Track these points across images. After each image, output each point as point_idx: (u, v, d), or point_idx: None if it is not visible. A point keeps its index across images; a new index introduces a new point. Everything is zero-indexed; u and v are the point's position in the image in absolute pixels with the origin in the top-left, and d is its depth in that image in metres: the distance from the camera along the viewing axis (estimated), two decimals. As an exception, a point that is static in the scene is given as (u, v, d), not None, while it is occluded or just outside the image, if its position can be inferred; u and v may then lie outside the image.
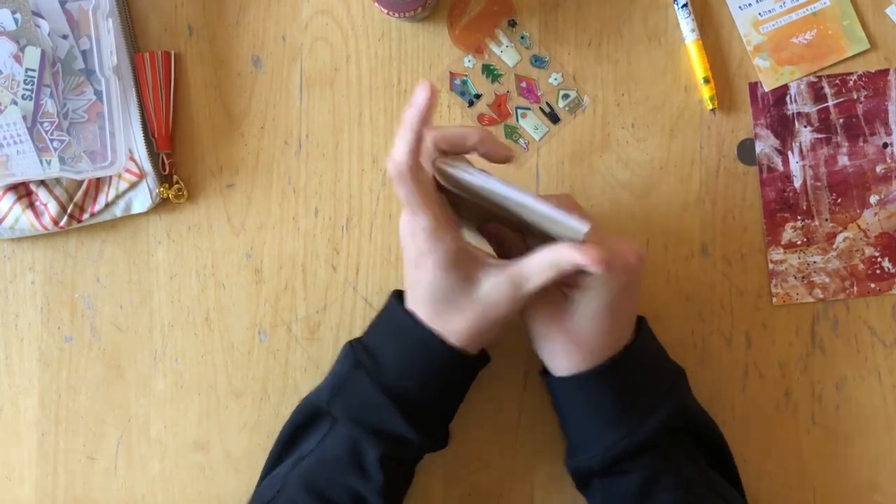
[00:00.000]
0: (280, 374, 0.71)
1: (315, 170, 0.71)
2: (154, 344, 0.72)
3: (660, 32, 0.70)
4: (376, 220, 0.71)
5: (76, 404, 0.72)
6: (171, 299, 0.71)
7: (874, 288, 0.69)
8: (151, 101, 0.70)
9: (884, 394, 0.69)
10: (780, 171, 0.70)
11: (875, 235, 0.69)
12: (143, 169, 0.70)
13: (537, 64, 0.71)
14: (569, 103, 0.70)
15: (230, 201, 0.71)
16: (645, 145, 0.70)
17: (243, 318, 0.71)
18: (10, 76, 0.66)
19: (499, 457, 0.69)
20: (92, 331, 0.72)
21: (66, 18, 0.68)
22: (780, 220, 0.69)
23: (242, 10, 0.72)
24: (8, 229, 0.70)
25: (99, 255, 0.72)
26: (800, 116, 0.70)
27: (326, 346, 0.71)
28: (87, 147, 0.69)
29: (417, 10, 0.68)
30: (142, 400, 0.71)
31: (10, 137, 0.67)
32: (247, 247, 0.71)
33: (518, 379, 0.70)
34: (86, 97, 0.69)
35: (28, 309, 0.72)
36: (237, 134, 0.71)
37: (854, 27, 0.70)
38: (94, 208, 0.70)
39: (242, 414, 0.71)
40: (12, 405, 0.72)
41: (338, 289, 0.71)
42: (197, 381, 0.71)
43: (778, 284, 0.69)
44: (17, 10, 0.66)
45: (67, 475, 0.71)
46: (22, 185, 0.70)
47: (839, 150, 0.70)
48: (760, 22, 0.70)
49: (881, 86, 0.69)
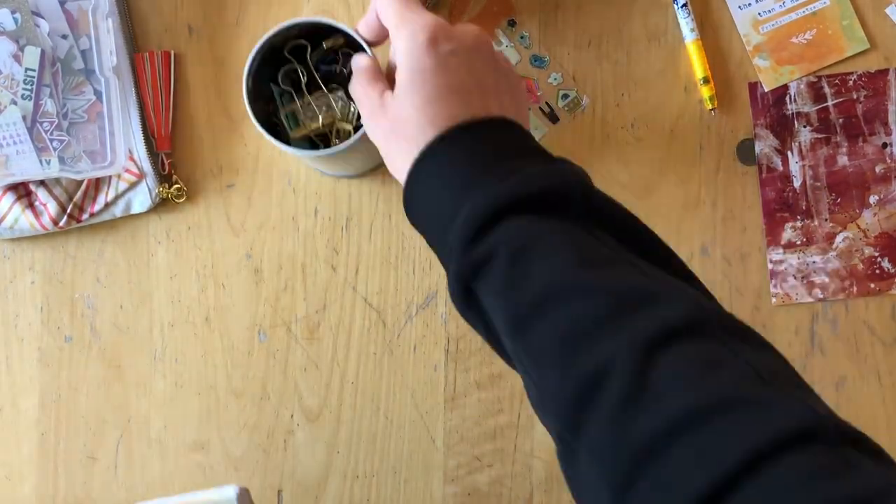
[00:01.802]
0: (280, 374, 0.71)
1: (315, 170, 0.71)
2: (154, 344, 0.72)
3: (660, 32, 0.70)
4: (376, 220, 0.71)
5: (76, 404, 0.72)
6: (170, 299, 0.71)
7: (874, 288, 0.69)
8: (151, 101, 0.70)
9: (884, 394, 0.69)
10: (780, 171, 0.70)
11: (875, 235, 0.69)
12: (143, 169, 0.70)
13: (537, 64, 0.71)
14: (568, 103, 0.70)
15: (230, 201, 0.71)
16: (645, 145, 0.70)
17: (243, 318, 0.71)
18: (9, 76, 0.66)
19: (499, 457, 0.70)
20: (92, 331, 0.72)
21: (66, 18, 0.68)
22: (780, 220, 0.69)
23: (242, 10, 0.72)
24: (7, 229, 0.70)
25: (99, 255, 0.72)
26: (799, 116, 0.70)
27: (326, 346, 0.71)
28: (86, 147, 0.69)
29: (417, 10, 0.68)
30: (142, 400, 0.71)
31: (9, 137, 0.67)
32: (246, 247, 0.71)
33: (518, 379, 0.70)
34: (85, 97, 0.69)
35: (28, 309, 0.72)
36: (237, 134, 0.71)
37: (854, 27, 0.70)
38: (93, 208, 0.70)
39: (242, 414, 0.71)
40: (12, 405, 0.72)
41: (338, 289, 0.71)
42: (197, 381, 0.71)
43: (777, 284, 0.69)
44: (17, 10, 0.66)
45: (67, 475, 0.71)
46: (21, 185, 0.70)
47: (839, 150, 0.70)
48: (760, 22, 0.70)
49: (881, 86, 0.69)
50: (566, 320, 0.42)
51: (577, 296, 0.43)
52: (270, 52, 0.63)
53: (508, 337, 0.45)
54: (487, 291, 0.46)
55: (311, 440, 0.70)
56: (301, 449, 0.71)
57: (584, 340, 0.41)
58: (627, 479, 0.38)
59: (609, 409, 0.39)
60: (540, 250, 0.44)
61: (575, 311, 0.42)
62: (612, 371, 0.40)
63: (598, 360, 0.40)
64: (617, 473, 0.39)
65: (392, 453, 0.70)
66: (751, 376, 0.39)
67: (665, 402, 0.38)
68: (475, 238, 0.46)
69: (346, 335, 0.70)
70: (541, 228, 0.45)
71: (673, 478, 0.37)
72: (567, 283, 0.43)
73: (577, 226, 0.46)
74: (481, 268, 0.46)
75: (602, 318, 0.41)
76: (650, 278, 0.45)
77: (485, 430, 0.70)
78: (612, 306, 0.42)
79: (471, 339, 0.70)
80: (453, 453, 0.70)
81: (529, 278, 0.44)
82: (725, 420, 0.37)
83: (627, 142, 0.70)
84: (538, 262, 0.44)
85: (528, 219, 0.45)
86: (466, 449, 0.70)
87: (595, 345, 0.41)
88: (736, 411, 0.38)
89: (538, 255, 0.44)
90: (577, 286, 0.43)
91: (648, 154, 0.70)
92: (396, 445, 0.70)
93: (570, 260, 0.44)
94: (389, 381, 0.70)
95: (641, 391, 0.39)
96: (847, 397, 0.69)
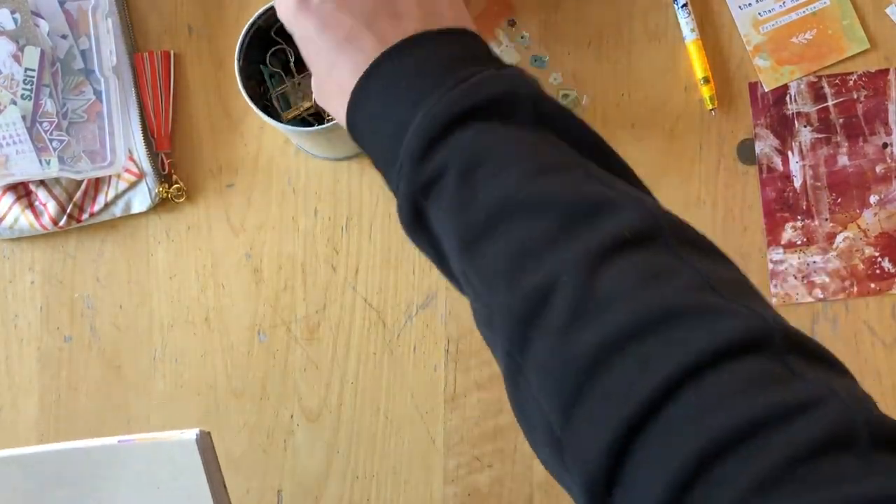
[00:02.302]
0: (280, 374, 0.71)
1: (315, 170, 0.71)
2: (154, 344, 0.72)
3: (660, 32, 0.70)
4: (376, 220, 0.71)
5: (76, 404, 0.72)
6: (170, 299, 0.71)
7: (874, 288, 0.69)
8: (151, 100, 0.70)
9: (884, 394, 0.69)
10: (780, 171, 0.70)
11: (875, 235, 0.69)
12: (143, 169, 0.70)
13: (537, 64, 0.71)
14: (568, 103, 0.70)
15: (230, 201, 0.71)
16: (645, 145, 0.70)
17: (243, 318, 0.71)
18: (9, 76, 0.66)
19: (499, 457, 0.70)
20: (92, 331, 0.72)
21: (66, 18, 0.68)
22: (780, 219, 0.69)
23: (242, 10, 0.72)
24: (7, 229, 0.70)
25: (98, 255, 0.72)
26: (799, 116, 0.70)
27: (326, 345, 0.71)
28: (86, 147, 0.69)
29: (417, 10, 0.68)
30: (142, 400, 0.71)
31: (9, 137, 0.67)
32: (246, 247, 0.71)
33: (518, 379, 0.70)
34: (85, 97, 0.69)
35: (28, 309, 0.72)
36: (237, 134, 0.71)
37: (854, 27, 0.70)
38: (93, 208, 0.70)
39: (242, 414, 0.71)
40: (12, 405, 0.72)
41: (337, 289, 0.71)
42: (197, 381, 0.71)
43: (778, 284, 0.69)
44: (17, 10, 0.66)
45: (67, 475, 0.71)
46: (21, 184, 0.70)
47: (839, 150, 0.70)
48: (760, 22, 0.70)
49: (881, 86, 0.69)
50: (516, 238, 0.41)
51: (527, 212, 0.41)
52: (259, 35, 0.63)
53: (458, 258, 0.43)
54: (437, 211, 0.44)
55: (311, 440, 0.70)
56: (301, 449, 0.71)
57: (533, 256, 0.40)
58: (574, 392, 0.37)
59: (555, 323, 0.38)
60: (489, 166, 0.43)
61: (524, 228, 0.41)
62: (559, 284, 0.39)
63: (545, 274, 0.39)
64: (563, 388, 0.38)
65: (392, 453, 0.70)
66: (699, 285, 0.38)
67: (610, 312, 0.37)
68: (424, 154, 0.44)
69: (346, 335, 0.70)
70: (493, 139, 0.43)
71: (616, 388, 0.36)
72: (516, 199, 0.42)
73: (530, 132, 0.44)
74: (431, 187, 0.44)
75: (552, 233, 0.40)
76: (605, 185, 0.43)
77: (485, 431, 0.70)
78: (563, 218, 0.41)
79: (471, 339, 0.70)
80: (453, 453, 0.70)
81: (478, 197, 0.42)
82: (670, 328, 0.37)
83: (627, 142, 0.70)
84: (487, 178, 0.42)
85: (478, 128, 0.43)
86: (466, 449, 0.70)
87: (544, 260, 0.40)
88: (682, 319, 0.37)
89: (488, 170, 0.43)
90: (526, 202, 0.42)
91: (648, 154, 0.70)
92: (396, 446, 0.70)
93: (520, 173, 0.42)
94: (389, 381, 0.70)
95: (587, 303, 0.38)
96: (847, 397, 0.69)
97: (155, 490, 0.52)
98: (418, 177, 0.44)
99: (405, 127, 0.45)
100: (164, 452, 0.52)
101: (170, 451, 0.52)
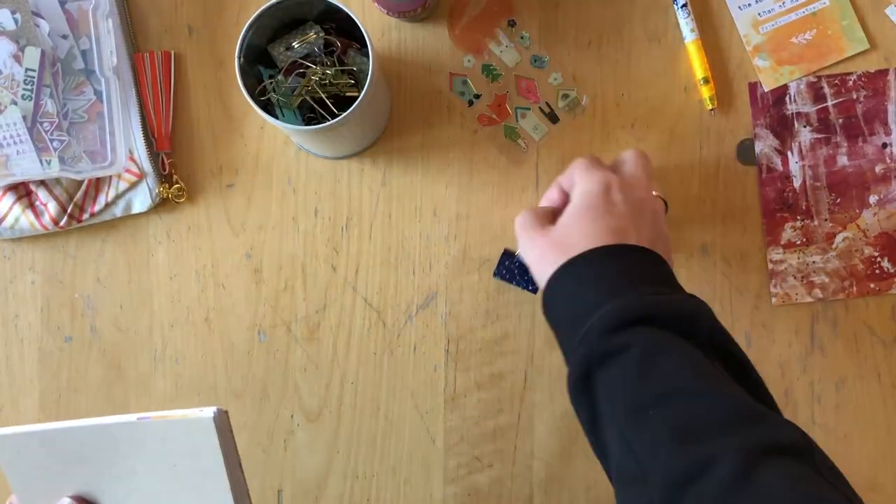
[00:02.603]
0: (280, 374, 0.71)
1: (315, 170, 0.71)
2: (154, 344, 0.72)
3: (660, 33, 0.70)
4: (376, 220, 0.71)
5: (76, 404, 0.72)
6: (170, 299, 0.71)
7: (874, 288, 0.69)
8: (151, 101, 0.70)
9: (884, 394, 0.69)
10: (780, 171, 0.70)
11: (874, 235, 0.69)
12: (143, 169, 0.70)
13: (537, 64, 0.71)
14: (568, 103, 0.70)
15: (230, 201, 0.71)
16: (645, 145, 0.70)
17: (243, 318, 0.71)
18: (9, 76, 0.66)
19: (499, 457, 0.70)
20: (92, 331, 0.72)
21: (66, 18, 0.68)
22: (780, 220, 0.69)
23: (242, 10, 0.72)
24: (8, 229, 0.70)
25: (99, 255, 0.72)
26: (799, 116, 0.70)
27: (326, 346, 0.71)
28: (86, 147, 0.69)
29: (417, 11, 0.68)
30: (142, 400, 0.71)
31: (9, 137, 0.67)
32: (246, 247, 0.71)
33: (518, 379, 0.70)
34: (86, 97, 0.69)
35: (28, 309, 0.72)
36: (237, 134, 0.71)
37: (853, 27, 0.70)
38: (93, 208, 0.70)
39: (242, 414, 0.71)
40: (12, 405, 0.72)
41: (337, 289, 0.71)
42: (197, 381, 0.71)
43: (777, 284, 0.69)
44: (17, 10, 0.66)
45: (67, 475, 0.71)
46: (22, 185, 0.70)
47: (838, 150, 0.70)
48: (760, 22, 0.70)
49: (880, 86, 0.69)
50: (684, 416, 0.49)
51: (698, 398, 0.50)
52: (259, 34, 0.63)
53: (623, 419, 0.50)
54: (612, 377, 0.52)
55: (311, 440, 0.71)
56: (301, 449, 0.71)
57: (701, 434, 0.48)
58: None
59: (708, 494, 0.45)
60: (669, 355, 0.52)
61: (694, 409, 0.49)
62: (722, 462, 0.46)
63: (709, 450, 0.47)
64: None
65: (392, 453, 0.70)
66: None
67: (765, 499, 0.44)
68: (613, 330, 0.52)
69: (346, 335, 0.71)
70: (675, 342, 0.52)
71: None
72: (689, 385, 0.50)
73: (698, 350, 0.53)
74: (613, 356, 0.52)
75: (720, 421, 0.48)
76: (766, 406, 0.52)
77: (485, 431, 0.70)
78: (731, 413, 0.49)
79: (471, 339, 0.70)
80: (453, 453, 0.70)
81: (656, 376, 0.51)
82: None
83: (627, 142, 0.70)
84: (666, 363, 0.51)
85: (662, 331, 0.53)
86: (466, 449, 0.70)
87: (709, 440, 0.47)
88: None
89: (667, 358, 0.51)
90: (698, 391, 0.50)
91: (648, 154, 0.70)
92: (396, 445, 0.70)
93: (694, 369, 0.51)
94: (389, 381, 0.70)
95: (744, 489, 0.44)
96: (847, 397, 0.69)
97: (172, 467, 0.53)
98: (600, 346, 0.52)
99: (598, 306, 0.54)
100: (181, 429, 0.52)
101: (187, 428, 0.52)
